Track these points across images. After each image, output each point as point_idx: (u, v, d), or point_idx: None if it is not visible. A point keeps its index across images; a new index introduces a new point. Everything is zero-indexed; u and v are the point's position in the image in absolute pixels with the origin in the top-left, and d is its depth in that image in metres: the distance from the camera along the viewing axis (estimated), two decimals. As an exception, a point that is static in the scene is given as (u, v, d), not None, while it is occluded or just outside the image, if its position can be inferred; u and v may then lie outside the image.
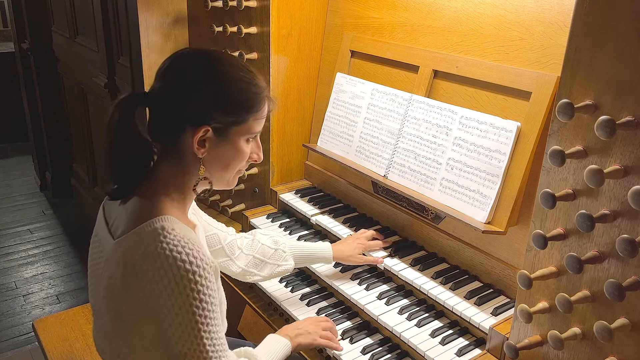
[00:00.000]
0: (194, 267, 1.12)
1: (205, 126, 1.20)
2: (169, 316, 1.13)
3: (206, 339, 1.15)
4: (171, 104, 1.21)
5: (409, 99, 1.89)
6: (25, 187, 5.21)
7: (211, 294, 1.16)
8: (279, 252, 1.76)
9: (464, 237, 1.78)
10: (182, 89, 1.21)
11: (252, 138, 1.30)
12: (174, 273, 1.11)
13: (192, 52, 1.31)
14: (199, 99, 1.20)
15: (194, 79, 1.21)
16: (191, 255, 1.13)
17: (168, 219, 1.18)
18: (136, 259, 1.14)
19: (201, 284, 1.13)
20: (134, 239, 1.17)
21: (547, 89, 1.50)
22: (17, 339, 3.21)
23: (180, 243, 1.13)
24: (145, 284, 1.13)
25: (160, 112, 1.24)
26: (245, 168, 1.35)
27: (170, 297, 1.12)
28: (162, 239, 1.13)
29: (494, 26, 1.67)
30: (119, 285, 1.17)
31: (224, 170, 1.30)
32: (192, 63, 1.24)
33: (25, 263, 3.98)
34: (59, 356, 1.94)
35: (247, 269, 1.74)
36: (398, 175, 1.90)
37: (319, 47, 2.30)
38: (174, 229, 1.15)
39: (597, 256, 1.19)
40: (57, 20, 4.22)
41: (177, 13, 2.43)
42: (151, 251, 1.13)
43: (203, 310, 1.14)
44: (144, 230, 1.16)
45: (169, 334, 1.14)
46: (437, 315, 1.69)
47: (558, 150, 1.19)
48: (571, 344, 1.28)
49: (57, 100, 4.55)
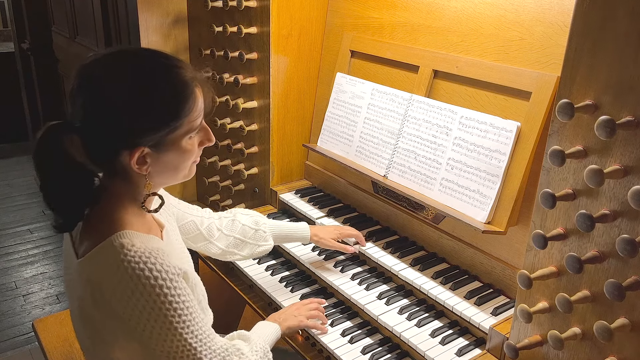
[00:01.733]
0: (160, 281, 1.11)
1: (140, 147, 1.14)
2: (146, 330, 1.13)
3: (191, 339, 1.16)
4: (97, 134, 1.15)
5: (409, 99, 1.89)
6: (25, 187, 5.21)
7: (184, 299, 1.15)
8: (260, 232, 1.79)
9: (464, 237, 1.78)
10: (103, 118, 1.13)
11: (196, 132, 1.23)
12: (141, 291, 1.11)
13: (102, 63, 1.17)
14: (124, 126, 1.13)
15: (113, 104, 1.12)
16: (154, 269, 1.11)
17: (127, 235, 1.15)
18: (101, 280, 1.14)
19: (171, 294, 1.13)
20: (97, 259, 1.16)
21: (547, 89, 1.50)
22: (17, 339, 3.21)
23: (142, 259, 1.11)
24: (116, 304, 1.13)
25: (89, 140, 1.17)
26: (199, 156, 1.30)
27: (144, 313, 1.12)
28: (124, 257, 1.11)
29: (494, 26, 1.67)
30: (91, 306, 1.17)
31: (175, 172, 1.25)
32: (107, 81, 1.14)
33: (25, 263, 3.98)
34: (59, 356, 1.94)
35: (228, 249, 1.77)
36: (398, 175, 1.90)
37: (319, 47, 2.30)
38: (133, 245, 1.13)
39: (597, 256, 1.19)
40: (57, 20, 4.22)
41: (177, 13, 2.43)
42: (114, 272, 1.12)
43: (180, 317, 1.14)
44: (104, 250, 1.15)
45: (153, 347, 1.15)
46: (437, 315, 1.69)
47: (558, 150, 1.19)
48: (571, 344, 1.28)
49: (57, 100, 4.55)
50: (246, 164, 2.38)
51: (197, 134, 1.24)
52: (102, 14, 3.25)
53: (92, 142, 1.17)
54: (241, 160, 2.39)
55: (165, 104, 1.15)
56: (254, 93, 2.26)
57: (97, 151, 1.19)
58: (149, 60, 1.18)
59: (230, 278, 2.05)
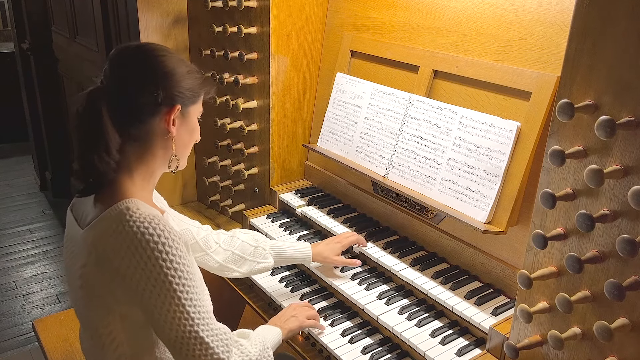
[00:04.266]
0: (162, 239, 1.17)
1: (178, 105, 1.30)
2: (146, 290, 1.16)
3: (189, 307, 1.18)
4: (142, 90, 1.26)
5: (409, 99, 1.89)
6: (25, 187, 5.21)
7: (184, 263, 1.19)
8: (259, 249, 1.77)
9: (464, 237, 1.78)
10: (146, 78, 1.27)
11: (199, 117, 1.41)
12: (143, 247, 1.15)
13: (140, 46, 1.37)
14: (169, 82, 1.28)
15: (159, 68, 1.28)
16: (158, 228, 1.18)
17: (132, 201, 1.23)
18: (105, 242, 1.19)
19: (172, 253, 1.17)
20: (101, 224, 1.21)
21: (547, 89, 1.50)
22: (17, 339, 3.21)
23: (147, 219, 1.18)
24: (119, 264, 1.17)
25: (129, 101, 1.27)
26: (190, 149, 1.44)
27: (145, 272, 1.15)
28: (128, 219, 1.18)
29: (494, 26, 1.67)
30: (94, 270, 1.21)
31: (185, 147, 1.39)
32: (145, 55, 1.31)
33: (25, 263, 3.98)
34: (59, 356, 1.94)
35: (226, 265, 1.76)
36: (398, 175, 1.90)
37: (319, 47, 2.30)
38: (138, 209, 1.20)
39: (597, 256, 1.19)
40: (57, 20, 4.22)
41: (177, 13, 2.43)
42: (119, 232, 1.17)
43: (180, 279, 1.17)
44: (110, 214, 1.21)
45: (152, 310, 1.17)
46: (437, 315, 1.69)
47: (558, 150, 1.19)
48: (571, 344, 1.28)
49: (57, 100, 4.55)
50: (246, 164, 2.38)
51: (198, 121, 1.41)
52: (102, 14, 3.25)
53: (133, 101, 1.27)
54: (241, 160, 2.39)
55: (192, 75, 1.35)
56: (254, 93, 2.26)
57: (132, 112, 1.28)
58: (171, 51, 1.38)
59: (230, 278, 2.05)
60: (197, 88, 1.35)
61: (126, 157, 1.29)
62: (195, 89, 1.35)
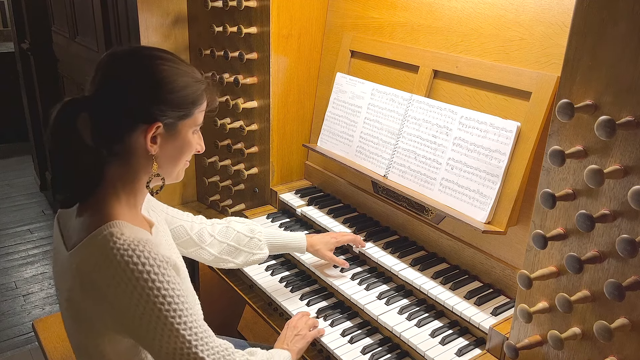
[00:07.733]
0: (147, 267, 1.12)
1: (157, 122, 1.20)
2: (136, 318, 1.12)
3: (184, 331, 1.14)
4: (120, 105, 1.19)
5: (409, 99, 1.89)
6: (25, 187, 5.21)
7: (174, 287, 1.15)
8: (255, 240, 1.76)
9: (464, 237, 1.78)
10: (130, 89, 1.20)
11: (196, 130, 1.31)
12: (128, 277, 1.11)
13: (129, 51, 1.28)
14: (149, 97, 1.20)
15: (140, 78, 1.20)
16: (142, 256, 1.12)
17: (117, 224, 1.17)
18: (90, 269, 1.14)
19: (159, 280, 1.13)
20: (86, 249, 1.17)
21: (547, 89, 1.50)
22: (17, 339, 3.21)
23: (131, 247, 1.12)
24: (105, 293, 1.13)
25: (107, 114, 1.20)
26: (189, 160, 1.36)
27: (132, 300, 1.11)
28: (112, 245, 1.13)
29: (494, 26, 1.67)
30: (80, 295, 1.17)
31: (174, 164, 1.30)
32: (134, 62, 1.23)
33: (25, 263, 3.98)
34: (59, 356, 1.94)
35: (221, 256, 1.74)
36: (398, 175, 1.90)
37: (319, 47, 2.30)
38: (122, 234, 1.15)
39: (597, 256, 1.19)
40: (57, 20, 4.21)
41: (177, 13, 2.43)
42: (103, 259, 1.13)
43: (170, 305, 1.13)
44: (94, 239, 1.16)
45: (144, 336, 1.14)
46: (437, 315, 1.69)
47: (558, 150, 1.19)
48: (571, 344, 1.28)
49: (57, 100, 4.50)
50: (246, 164, 2.38)
51: (194, 134, 1.30)
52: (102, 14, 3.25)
53: (110, 115, 1.20)
54: (241, 160, 2.39)
55: (187, 88, 1.23)
56: (254, 93, 2.26)
57: (110, 126, 1.20)
58: (175, 55, 1.29)
59: (230, 278, 2.06)
60: (189, 103, 1.24)
61: (110, 174, 1.24)
62: (186, 104, 1.23)
